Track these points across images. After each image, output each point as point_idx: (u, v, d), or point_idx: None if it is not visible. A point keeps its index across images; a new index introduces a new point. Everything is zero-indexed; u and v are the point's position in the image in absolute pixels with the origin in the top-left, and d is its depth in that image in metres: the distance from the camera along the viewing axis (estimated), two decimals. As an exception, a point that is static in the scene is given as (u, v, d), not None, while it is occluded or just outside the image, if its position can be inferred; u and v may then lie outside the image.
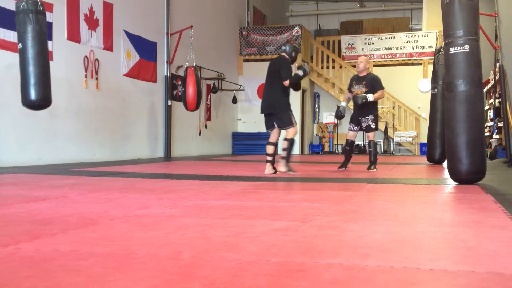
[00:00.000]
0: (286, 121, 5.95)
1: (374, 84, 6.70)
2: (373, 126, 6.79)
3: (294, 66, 6.24)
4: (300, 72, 5.98)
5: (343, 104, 7.04)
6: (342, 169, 6.87)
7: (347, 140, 7.00)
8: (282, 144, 6.08)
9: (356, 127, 6.89)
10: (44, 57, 5.43)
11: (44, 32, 5.47)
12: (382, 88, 6.74)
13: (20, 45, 5.36)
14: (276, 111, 5.97)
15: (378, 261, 1.71)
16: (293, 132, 5.99)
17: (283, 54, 6.16)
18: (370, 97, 6.58)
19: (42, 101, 5.45)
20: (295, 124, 6.03)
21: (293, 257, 1.75)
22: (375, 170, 6.69)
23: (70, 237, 2.11)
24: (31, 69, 5.31)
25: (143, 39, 9.88)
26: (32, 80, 5.32)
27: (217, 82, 12.89)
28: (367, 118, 6.74)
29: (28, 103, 5.44)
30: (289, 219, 2.60)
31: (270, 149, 6.03)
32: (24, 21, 5.31)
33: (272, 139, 6.09)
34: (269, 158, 5.98)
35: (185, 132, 11.52)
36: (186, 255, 1.77)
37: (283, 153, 6.07)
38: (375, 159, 6.81)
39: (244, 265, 1.64)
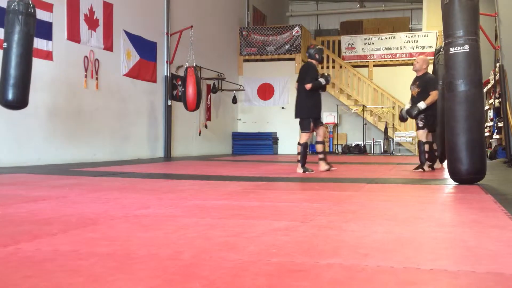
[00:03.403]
0: (303, 126, 6.40)
1: (427, 86, 6.52)
2: (420, 124, 6.54)
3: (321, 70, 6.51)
4: (323, 81, 6.34)
5: (406, 107, 6.83)
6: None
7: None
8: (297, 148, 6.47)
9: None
10: (27, 60, 5.45)
11: (31, 35, 5.49)
12: (434, 89, 6.49)
13: (5, 44, 5.41)
14: (298, 116, 6.46)
15: (378, 261, 1.71)
16: (304, 137, 6.38)
17: (309, 59, 6.54)
18: (422, 105, 6.38)
19: (18, 103, 5.51)
20: (312, 130, 6.40)
21: (293, 257, 1.75)
22: (420, 170, 6.44)
23: (70, 237, 2.11)
24: (12, 70, 5.35)
25: (143, 39, 9.88)
26: (11, 80, 5.35)
27: (217, 82, 12.89)
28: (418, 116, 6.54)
29: (5, 103, 5.48)
30: (289, 219, 2.60)
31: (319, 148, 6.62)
32: (13, 22, 5.33)
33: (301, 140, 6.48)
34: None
35: (185, 132, 11.52)
36: (186, 255, 1.77)
37: (299, 157, 6.38)
38: (421, 160, 6.53)
39: (244, 265, 1.64)
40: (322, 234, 2.21)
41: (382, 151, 15.06)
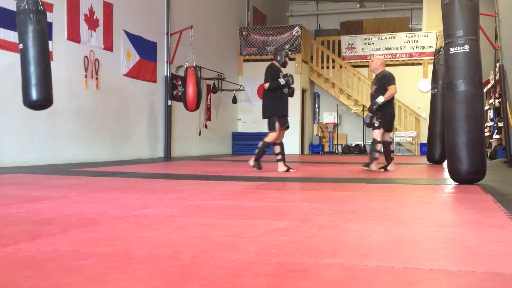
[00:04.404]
0: (269, 125, 6.36)
1: (383, 82, 6.58)
2: (376, 124, 6.61)
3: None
4: (282, 81, 6.28)
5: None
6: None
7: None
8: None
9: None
10: (45, 57, 5.42)
11: (45, 32, 5.46)
12: (390, 84, 6.54)
13: (21, 45, 5.35)
14: (263, 116, 6.48)
15: (378, 261, 1.71)
16: (270, 137, 6.32)
17: (273, 61, 6.54)
18: (380, 99, 6.45)
19: (44, 101, 5.45)
20: (278, 130, 6.33)
21: (293, 257, 1.75)
22: (366, 169, 6.59)
23: (70, 237, 2.11)
24: (32, 69, 5.31)
25: (143, 39, 9.88)
26: (33, 80, 5.31)
27: (217, 82, 12.89)
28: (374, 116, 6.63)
29: (30, 103, 5.43)
30: (289, 219, 2.60)
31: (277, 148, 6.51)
32: (25, 21, 5.30)
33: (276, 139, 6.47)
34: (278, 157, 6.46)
35: (185, 132, 11.52)
36: (186, 255, 1.77)
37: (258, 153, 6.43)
38: (371, 157, 6.64)
39: (244, 265, 1.64)
40: (322, 234, 2.21)
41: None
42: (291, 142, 14.53)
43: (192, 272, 1.55)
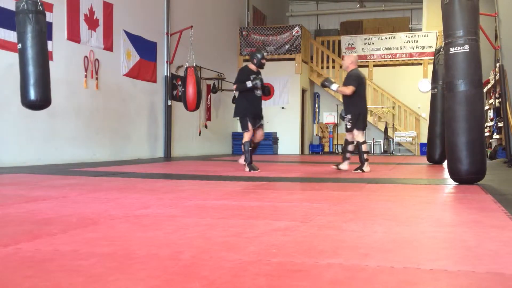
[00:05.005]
0: (241, 125, 6.66)
1: (346, 80, 6.64)
2: (348, 126, 6.62)
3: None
4: (249, 83, 6.53)
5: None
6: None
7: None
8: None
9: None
10: (43, 57, 5.42)
11: (44, 32, 5.46)
12: (349, 84, 6.51)
13: (19, 45, 5.35)
14: (234, 115, 6.82)
15: (378, 261, 1.71)
16: (245, 137, 6.55)
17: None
18: (334, 86, 6.58)
19: (42, 101, 5.45)
20: (251, 129, 6.55)
21: (293, 257, 1.75)
22: (359, 172, 6.45)
23: (70, 237, 2.11)
24: (31, 69, 5.31)
25: (143, 39, 9.88)
26: (31, 80, 5.31)
27: (217, 82, 12.89)
28: (345, 117, 6.68)
29: (28, 103, 5.43)
30: (289, 219, 2.60)
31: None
32: (24, 21, 5.30)
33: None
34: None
35: (185, 132, 11.52)
36: (186, 255, 1.77)
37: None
38: (361, 160, 6.54)
39: (244, 265, 1.64)
40: (322, 234, 2.21)
41: (382, 151, 15.06)
42: (291, 142, 14.55)
43: (192, 272, 1.55)
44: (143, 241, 2.03)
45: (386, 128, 14.86)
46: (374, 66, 15.30)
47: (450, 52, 4.49)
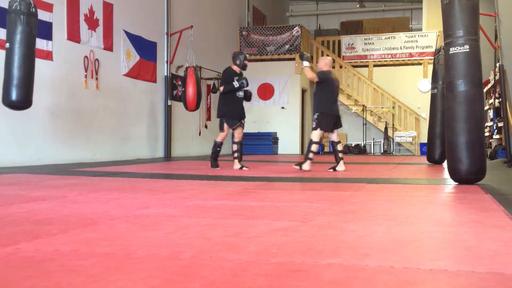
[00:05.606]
0: (219, 125, 6.94)
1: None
2: (313, 125, 6.64)
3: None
4: (235, 84, 6.70)
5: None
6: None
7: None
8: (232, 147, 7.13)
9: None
10: (29, 60, 5.44)
11: (34, 35, 5.48)
12: (318, 76, 6.51)
13: (7, 45, 5.39)
14: (217, 115, 7.00)
15: (378, 261, 1.71)
16: (220, 136, 6.97)
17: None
18: (305, 63, 6.54)
19: (22, 103, 5.51)
20: (226, 131, 6.90)
21: (293, 257, 1.75)
22: (298, 168, 6.55)
23: (70, 237, 2.11)
24: (15, 70, 5.34)
25: (143, 39, 9.88)
26: (14, 81, 5.35)
27: (217, 82, 12.88)
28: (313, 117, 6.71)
29: (9, 104, 5.48)
30: (289, 219, 2.60)
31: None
32: (15, 22, 5.32)
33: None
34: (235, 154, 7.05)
35: (185, 132, 11.52)
36: (186, 255, 1.77)
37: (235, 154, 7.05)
38: (306, 156, 6.58)
39: (244, 265, 1.64)
40: (322, 234, 2.21)
41: (382, 151, 15.05)
42: (291, 142, 14.55)
43: (192, 272, 1.55)
44: (143, 241, 2.03)
45: (386, 128, 14.86)
46: (374, 66, 15.31)
47: (450, 52, 4.49)
